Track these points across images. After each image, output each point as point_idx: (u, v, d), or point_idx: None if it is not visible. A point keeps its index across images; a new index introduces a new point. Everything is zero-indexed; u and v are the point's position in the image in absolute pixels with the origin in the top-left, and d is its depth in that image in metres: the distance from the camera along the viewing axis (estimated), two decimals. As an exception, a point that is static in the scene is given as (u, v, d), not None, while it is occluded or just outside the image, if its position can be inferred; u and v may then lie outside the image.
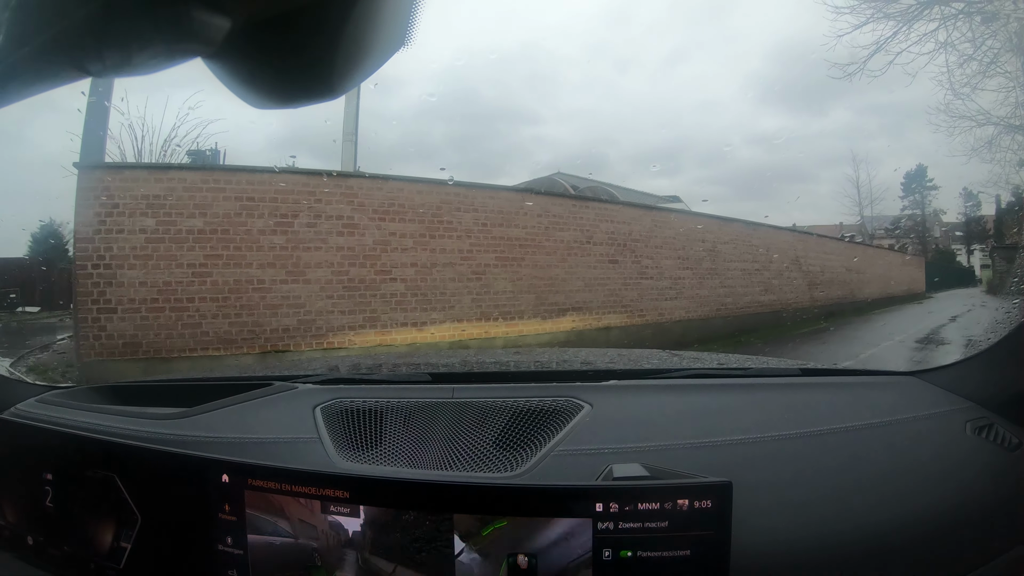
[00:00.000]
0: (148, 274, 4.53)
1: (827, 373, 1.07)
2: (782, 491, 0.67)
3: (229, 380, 1.06)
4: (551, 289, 6.15)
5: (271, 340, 4.82)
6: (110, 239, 4.45)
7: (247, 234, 4.78)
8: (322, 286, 5.01)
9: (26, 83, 0.27)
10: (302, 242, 4.96)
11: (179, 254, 4.60)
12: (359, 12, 0.28)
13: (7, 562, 0.79)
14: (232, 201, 4.75)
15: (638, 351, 1.38)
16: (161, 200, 4.58)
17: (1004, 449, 0.74)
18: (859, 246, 13.09)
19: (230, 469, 0.65)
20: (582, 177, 11.77)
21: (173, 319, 4.58)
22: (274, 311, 4.84)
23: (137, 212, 4.52)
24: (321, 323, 4.99)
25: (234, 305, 4.73)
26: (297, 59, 0.29)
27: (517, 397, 0.83)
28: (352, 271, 5.12)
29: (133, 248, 4.49)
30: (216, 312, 4.68)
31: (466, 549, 0.58)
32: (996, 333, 0.81)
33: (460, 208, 5.66)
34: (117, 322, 4.43)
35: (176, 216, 4.60)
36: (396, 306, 5.27)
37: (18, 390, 0.97)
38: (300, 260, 4.94)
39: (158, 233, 4.56)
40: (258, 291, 4.81)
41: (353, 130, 6.31)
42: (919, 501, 0.67)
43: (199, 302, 4.64)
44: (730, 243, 8.26)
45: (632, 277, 6.91)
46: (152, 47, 0.25)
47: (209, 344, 4.66)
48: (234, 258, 4.74)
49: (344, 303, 5.08)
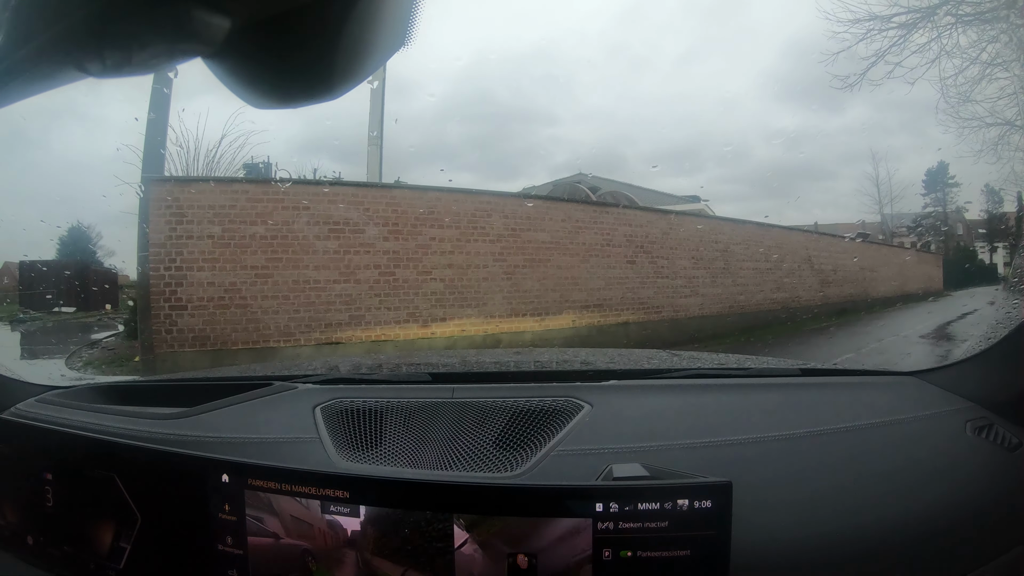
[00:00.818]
0: (215, 275, 5.06)
1: (827, 373, 1.07)
2: (782, 491, 0.67)
3: (229, 380, 1.06)
4: (574, 287, 6.69)
5: (325, 333, 5.35)
6: (180, 244, 4.99)
7: (303, 240, 5.34)
8: (370, 285, 5.58)
9: (26, 83, 0.27)
10: (352, 246, 5.54)
11: (243, 257, 5.15)
12: (359, 12, 0.27)
13: (7, 562, 0.79)
14: (289, 210, 5.32)
15: (638, 351, 1.38)
16: (226, 210, 5.14)
17: (1004, 449, 0.74)
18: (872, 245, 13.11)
19: (230, 469, 0.65)
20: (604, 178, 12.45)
21: (238, 315, 5.10)
22: (328, 308, 5.38)
23: (204, 220, 5.05)
24: (370, 318, 5.54)
25: (292, 303, 5.27)
26: (297, 59, 0.29)
27: (517, 397, 0.83)
28: (397, 272, 5.71)
29: (201, 252, 5.03)
30: (276, 309, 5.22)
31: (466, 549, 0.58)
32: (996, 333, 0.81)
33: (492, 214, 6.26)
34: (187, 318, 4.96)
35: (240, 223, 5.15)
36: (436, 303, 5.85)
37: (18, 390, 0.97)
38: (351, 262, 5.52)
39: (224, 239, 5.11)
40: (314, 290, 5.36)
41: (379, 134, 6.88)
42: (919, 501, 0.67)
43: (261, 300, 5.18)
44: (742, 244, 8.67)
45: (648, 276, 7.42)
46: (152, 47, 0.25)
47: (270, 337, 5.18)
48: (292, 261, 5.30)
49: (390, 300, 5.66)
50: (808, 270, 9.58)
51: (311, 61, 0.29)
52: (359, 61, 0.30)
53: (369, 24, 0.29)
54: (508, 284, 6.26)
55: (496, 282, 6.19)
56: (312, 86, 0.30)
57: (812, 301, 9.19)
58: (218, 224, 5.09)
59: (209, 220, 5.07)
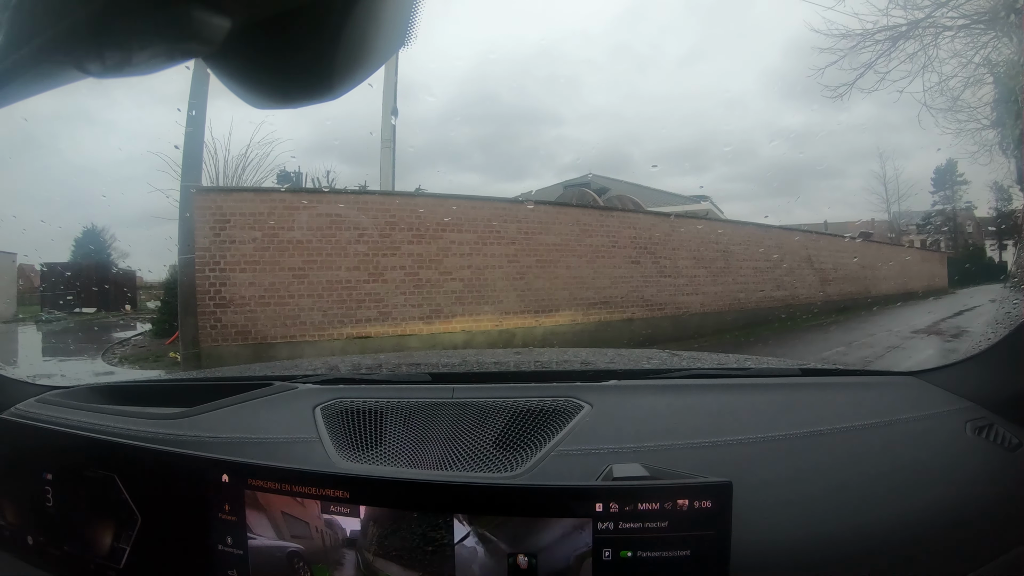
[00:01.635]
0: (256, 276, 5.58)
1: (827, 373, 1.06)
2: (782, 491, 0.67)
3: (229, 380, 1.06)
4: (582, 286, 7.22)
5: (356, 328, 5.90)
6: (224, 248, 5.49)
7: (336, 243, 5.90)
8: (396, 285, 6.15)
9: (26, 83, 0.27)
10: (380, 250, 6.10)
11: (281, 260, 5.67)
12: (359, 12, 0.27)
13: (7, 562, 0.79)
14: (323, 217, 5.87)
15: (638, 351, 1.38)
16: (265, 217, 5.66)
17: (1004, 449, 0.74)
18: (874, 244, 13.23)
19: (230, 469, 0.65)
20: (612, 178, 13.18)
21: (277, 312, 5.63)
22: (358, 305, 5.94)
23: (246, 226, 5.56)
24: (396, 315, 6.10)
25: (326, 300, 5.81)
26: (297, 59, 0.29)
27: (517, 397, 0.83)
28: (421, 272, 6.27)
29: (244, 255, 5.54)
30: (312, 306, 5.75)
31: (466, 549, 0.58)
32: (996, 333, 0.81)
33: (506, 220, 6.85)
34: (231, 315, 5.48)
35: (278, 229, 5.66)
36: (456, 301, 6.42)
37: (18, 390, 0.97)
38: (379, 264, 6.09)
39: (263, 243, 5.62)
40: (345, 289, 5.91)
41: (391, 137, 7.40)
42: (919, 501, 0.67)
43: (298, 298, 5.70)
44: (742, 244, 9.10)
45: (652, 275, 7.91)
46: (152, 47, 0.25)
47: (306, 331, 5.71)
48: (326, 263, 5.83)
49: (414, 298, 6.22)
50: (808, 269, 9.88)
51: (311, 61, 0.29)
52: (359, 61, 0.30)
53: (369, 24, 0.29)
54: (521, 283, 6.80)
55: (510, 281, 6.75)
56: (312, 86, 0.30)
57: (812, 299, 9.48)
58: (258, 230, 5.61)
59: (250, 226, 5.59)
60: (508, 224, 6.84)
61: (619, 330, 7.27)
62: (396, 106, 7.35)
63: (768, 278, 9.19)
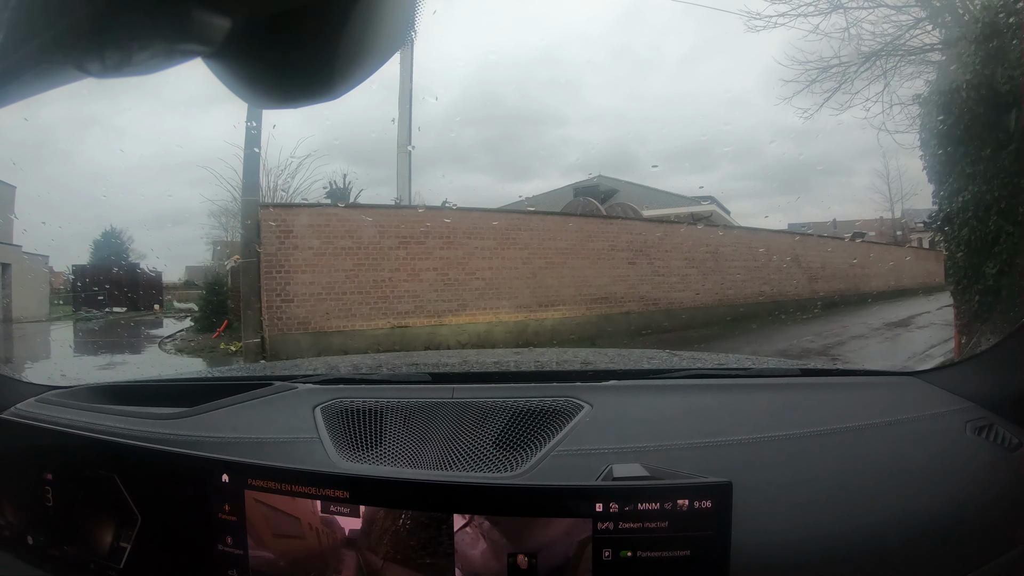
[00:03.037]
0: (315, 276, 6.71)
1: (827, 373, 1.06)
2: (782, 491, 0.67)
3: (229, 380, 1.06)
4: (586, 284, 8.36)
5: (396, 319, 7.10)
6: (287, 253, 6.64)
7: (380, 249, 7.10)
8: (430, 283, 7.33)
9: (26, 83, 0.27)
10: (417, 254, 7.29)
11: (336, 263, 6.83)
12: (359, 12, 0.27)
13: (7, 562, 0.79)
14: (370, 227, 7.05)
15: (638, 351, 1.38)
16: (322, 227, 6.83)
17: (1004, 449, 0.74)
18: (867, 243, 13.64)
19: (230, 469, 0.65)
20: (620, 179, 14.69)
21: (332, 306, 6.80)
22: (399, 300, 7.17)
23: (306, 235, 6.71)
24: (430, 308, 7.30)
25: (373, 296, 7.02)
26: (297, 59, 0.29)
27: (517, 397, 0.83)
28: (450, 273, 7.47)
29: (304, 259, 6.70)
30: (361, 301, 6.96)
31: (466, 549, 0.58)
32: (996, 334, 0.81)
33: (521, 228, 8.08)
34: (293, 308, 6.63)
35: (333, 238, 6.84)
36: (479, 297, 7.62)
37: (18, 390, 0.97)
38: (416, 266, 7.27)
39: (321, 249, 6.77)
40: (388, 287, 7.12)
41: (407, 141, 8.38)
42: (919, 501, 0.67)
43: (350, 295, 6.90)
44: (731, 246, 10.13)
45: (647, 275, 8.99)
46: (152, 47, 0.25)
47: (356, 322, 6.89)
48: (373, 266, 7.03)
49: (444, 295, 7.41)
50: (795, 268, 10.85)
51: (311, 61, 0.29)
52: (359, 61, 0.30)
53: (369, 24, 0.29)
54: (533, 282, 7.98)
55: (524, 280, 7.93)
56: (312, 86, 0.30)
57: (800, 295, 10.41)
58: (317, 238, 6.74)
59: (310, 235, 6.72)
60: (521, 232, 8.06)
61: (618, 322, 8.35)
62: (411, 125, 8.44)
63: (755, 276, 10.20)
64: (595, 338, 7.72)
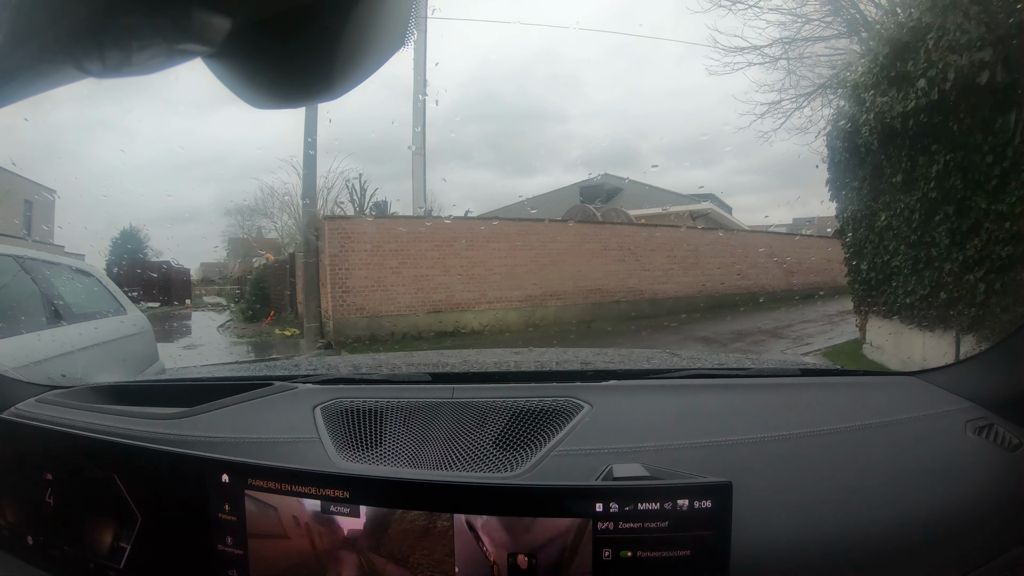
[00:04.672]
0: (368, 272, 8.62)
1: (827, 373, 1.07)
2: (782, 491, 0.67)
3: (229, 380, 1.06)
4: (582, 278, 10.12)
5: (433, 307, 8.93)
6: (347, 255, 8.51)
7: (419, 250, 8.96)
8: (457, 277, 9.13)
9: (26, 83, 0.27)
10: (447, 254, 9.13)
11: (384, 262, 8.70)
12: (359, 12, 0.27)
13: (7, 562, 0.79)
14: (410, 233, 8.95)
15: (638, 351, 1.38)
16: (373, 234, 8.72)
17: (1004, 449, 0.74)
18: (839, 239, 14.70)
19: (230, 469, 0.65)
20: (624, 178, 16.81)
21: (381, 295, 8.68)
22: (433, 290, 8.96)
23: (361, 240, 8.60)
24: (458, 298, 9.13)
25: (413, 288, 8.83)
26: (297, 59, 0.29)
27: (517, 397, 0.83)
28: (474, 269, 9.31)
29: (360, 259, 8.58)
30: (403, 292, 8.78)
31: (466, 549, 0.58)
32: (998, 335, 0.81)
33: (529, 233, 9.92)
34: (352, 297, 8.51)
35: (382, 242, 8.69)
36: (496, 288, 9.45)
37: (18, 390, 0.97)
38: (447, 263, 9.11)
39: (372, 251, 8.63)
40: (425, 280, 8.92)
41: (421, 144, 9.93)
42: (919, 501, 0.67)
43: (396, 287, 8.75)
44: (710, 244, 12.11)
45: (634, 270, 10.82)
46: (152, 47, 0.25)
47: (399, 308, 8.75)
48: (413, 264, 8.87)
49: (469, 286, 9.24)
50: (771, 263, 12.58)
51: (311, 61, 0.29)
52: (359, 61, 0.30)
53: (369, 24, 0.29)
54: (540, 276, 9.72)
55: (532, 275, 9.68)
56: (312, 86, 0.30)
57: (776, 288, 11.89)
58: (369, 243, 8.63)
59: (364, 241, 8.63)
60: (530, 236, 9.90)
61: (609, 309, 10.19)
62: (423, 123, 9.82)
63: (732, 270, 11.97)
64: (590, 322, 9.53)
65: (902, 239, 3.94)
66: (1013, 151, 2.81)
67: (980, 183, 3.05)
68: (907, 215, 3.77)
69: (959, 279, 3.29)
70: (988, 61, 2.74)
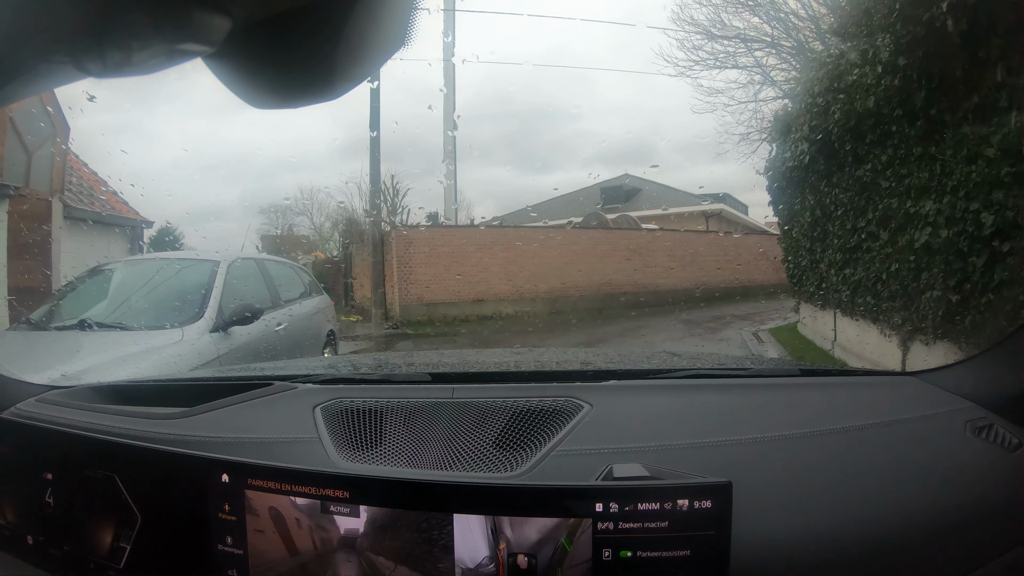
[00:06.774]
0: (426, 270, 10.87)
1: (827, 373, 1.07)
2: (782, 491, 0.67)
3: (229, 380, 1.06)
4: (595, 273, 12.22)
5: (477, 296, 11.10)
6: (411, 256, 10.80)
7: (465, 251, 11.30)
8: (496, 274, 11.37)
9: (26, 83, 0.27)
10: (487, 255, 11.40)
11: (438, 261, 10.97)
12: (359, 12, 0.27)
13: (7, 562, 0.79)
14: (459, 239, 11.40)
15: (638, 351, 1.38)
16: (431, 240, 11.22)
17: (1004, 449, 0.74)
18: None
19: (230, 469, 0.65)
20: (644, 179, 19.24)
21: (437, 287, 10.90)
22: (477, 284, 11.19)
23: (421, 244, 11.00)
24: (496, 289, 11.30)
25: (461, 282, 10.96)
26: (297, 59, 0.29)
27: (517, 397, 0.83)
28: (508, 267, 11.53)
29: (420, 259, 10.86)
30: (454, 285, 10.91)
31: (466, 549, 0.58)
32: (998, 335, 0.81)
33: (553, 237, 12.56)
34: (414, 288, 10.78)
35: (437, 246, 11.12)
36: (527, 282, 11.52)
37: (18, 390, 0.97)
38: (487, 263, 11.36)
39: (430, 252, 10.96)
40: (471, 275, 11.09)
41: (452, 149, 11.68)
42: (919, 501, 0.67)
43: (447, 279, 10.91)
44: (708, 244, 14.68)
45: (639, 267, 12.98)
46: (152, 47, 0.25)
47: (451, 297, 10.91)
48: (460, 262, 11.11)
49: (504, 280, 11.39)
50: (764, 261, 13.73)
51: (311, 61, 0.29)
52: (359, 61, 0.30)
53: (369, 24, 0.29)
54: (561, 272, 11.86)
55: (555, 270, 11.81)
56: (312, 86, 0.30)
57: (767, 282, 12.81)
58: (427, 247, 11.03)
59: (423, 244, 11.04)
60: (553, 239, 12.48)
61: (618, 299, 11.97)
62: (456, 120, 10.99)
63: (728, 267, 14.05)
64: (601, 309, 11.04)
65: (818, 242, 5.21)
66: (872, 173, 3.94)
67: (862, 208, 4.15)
68: (822, 223, 5.03)
69: (840, 274, 4.68)
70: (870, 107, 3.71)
